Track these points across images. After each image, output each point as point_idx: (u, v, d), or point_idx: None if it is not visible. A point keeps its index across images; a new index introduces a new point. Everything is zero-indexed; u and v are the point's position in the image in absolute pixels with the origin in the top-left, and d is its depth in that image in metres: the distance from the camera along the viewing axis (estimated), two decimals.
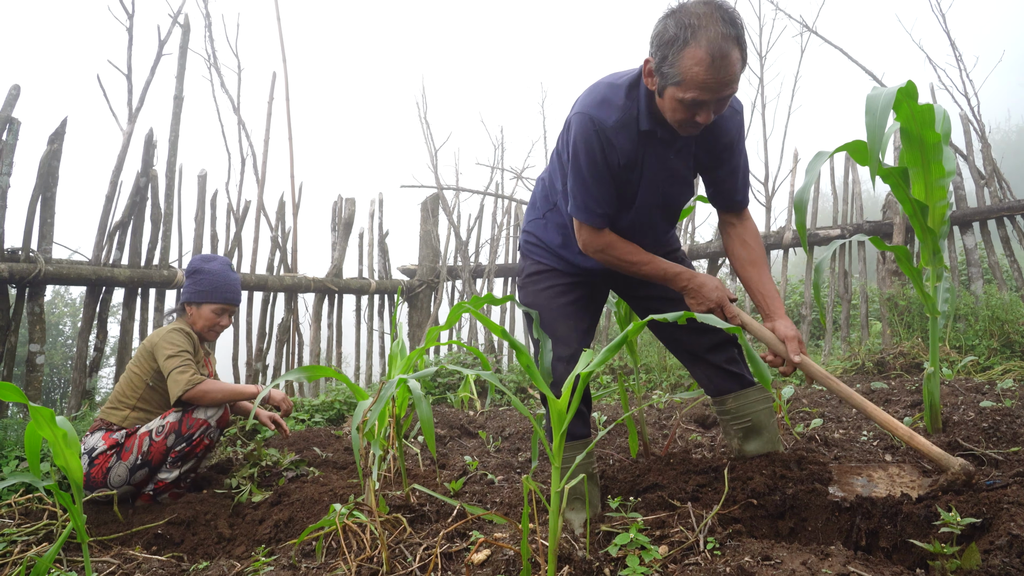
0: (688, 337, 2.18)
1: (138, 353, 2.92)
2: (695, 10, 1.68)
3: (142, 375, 2.85)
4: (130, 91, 4.42)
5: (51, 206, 3.86)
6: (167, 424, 2.68)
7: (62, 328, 10.55)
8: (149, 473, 2.66)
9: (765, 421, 2.25)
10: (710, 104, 1.75)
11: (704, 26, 1.65)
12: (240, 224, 5.10)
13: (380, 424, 2.09)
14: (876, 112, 1.94)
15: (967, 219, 5.22)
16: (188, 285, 3.01)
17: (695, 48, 1.66)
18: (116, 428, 2.75)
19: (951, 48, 5.79)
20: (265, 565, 1.83)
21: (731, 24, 1.66)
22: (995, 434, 2.45)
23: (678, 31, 1.67)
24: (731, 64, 1.68)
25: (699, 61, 1.66)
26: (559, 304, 2.19)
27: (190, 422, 2.68)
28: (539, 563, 1.54)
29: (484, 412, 4.32)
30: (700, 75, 1.67)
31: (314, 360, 5.54)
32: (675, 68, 1.70)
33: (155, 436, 2.66)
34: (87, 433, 2.77)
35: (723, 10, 1.68)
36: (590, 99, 1.90)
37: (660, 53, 1.73)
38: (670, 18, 1.71)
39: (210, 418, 2.71)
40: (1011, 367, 3.87)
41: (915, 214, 2.35)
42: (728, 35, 1.66)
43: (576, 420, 2.17)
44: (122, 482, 2.62)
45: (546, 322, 2.19)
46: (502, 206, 6.63)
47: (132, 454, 2.63)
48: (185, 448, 2.66)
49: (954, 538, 1.53)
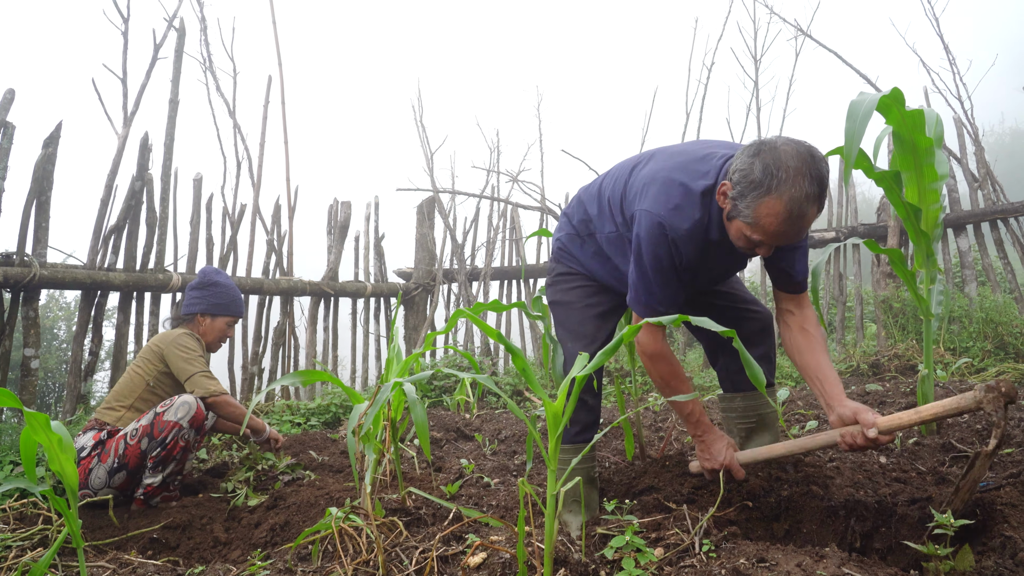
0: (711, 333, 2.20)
1: (142, 354, 2.96)
2: (786, 160, 1.61)
3: (143, 376, 2.88)
4: (125, 95, 4.41)
5: (46, 210, 3.85)
6: (140, 428, 2.66)
7: (57, 332, 10.51)
8: (128, 477, 2.64)
9: (770, 423, 2.27)
10: (772, 246, 1.74)
11: (791, 180, 1.60)
12: (236, 228, 5.09)
13: (376, 427, 2.09)
14: (857, 118, 1.95)
15: (961, 222, 5.24)
16: (204, 296, 3.09)
17: (775, 201, 1.62)
18: (108, 428, 2.75)
19: (944, 52, 5.82)
20: (261, 569, 1.82)
21: (818, 182, 1.61)
22: (989, 436, 2.46)
23: (763, 177, 1.63)
24: (806, 223, 1.65)
25: (776, 215, 1.63)
26: (589, 303, 2.21)
27: (161, 424, 2.63)
28: (535, 566, 1.54)
29: (480, 415, 4.32)
30: (772, 226, 1.65)
31: (310, 364, 5.53)
32: (750, 209, 1.67)
33: (129, 440, 2.65)
34: (79, 433, 2.77)
35: (814, 166, 1.61)
36: (663, 201, 1.83)
37: (739, 188, 1.68)
38: (759, 158, 1.65)
39: (181, 419, 2.64)
40: (1005, 369, 3.88)
41: (908, 217, 2.37)
42: (812, 195, 1.61)
43: (573, 422, 2.18)
44: (102, 484, 2.61)
45: (574, 320, 2.21)
46: (498, 209, 6.63)
47: (110, 456, 2.63)
48: (161, 452, 2.63)
49: (948, 539, 1.54)
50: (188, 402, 2.68)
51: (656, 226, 1.82)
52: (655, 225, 1.83)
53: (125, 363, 4.29)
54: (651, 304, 1.91)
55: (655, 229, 1.83)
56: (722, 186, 1.74)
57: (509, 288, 6.57)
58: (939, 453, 2.35)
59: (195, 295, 3.12)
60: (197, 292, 3.12)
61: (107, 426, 2.77)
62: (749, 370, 1.39)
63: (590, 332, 2.15)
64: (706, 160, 1.86)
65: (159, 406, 2.69)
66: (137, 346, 4.39)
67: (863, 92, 2.03)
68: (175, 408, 2.66)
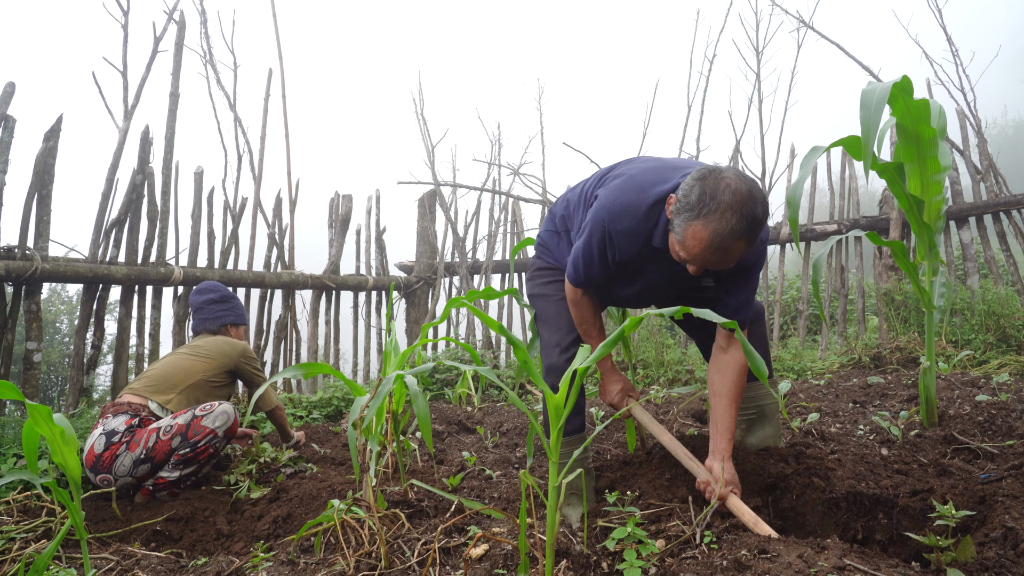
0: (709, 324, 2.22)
1: (208, 349, 3.13)
2: (723, 193, 1.64)
3: (200, 371, 3.03)
4: (126, 88, 4.40)
5: (47, 204, 3.85)
6: (175, 425, 2.68)
7: (59, 326, 10.54)
8: (152, 469, 2.66)
9: (770, 415, 2.27)
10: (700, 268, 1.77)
11: (720, 213, 1.63)
12: (237, 221, 5.09)
13: (378, 420, 2.09)
14: (871, 107, 1.94)
15: (963, 214, 5.23)
16: (230, 309, 3.41)
17: (701, 228, 1.66)
18: (143, 415, 2.76)
19: (947, 43, 5.80)
20: (264, 561, 1.83)
21: (747, 220, 1.63)
22: (991, 428, 2.46)
23: (698, 203, 1.67)
24: (728, 255, 1.68)
25: (700, 240, 1.67)
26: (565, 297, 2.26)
27: (198, 428, 2.68)
28: (537, 557, 1.54)
29: (482, 408, 4.32)
30: (695, 249, 1.70)
31: (312, 357, 5.54)
32: (680, 228, 1.71)
33: (162, 435, 2.66)
34: (108, 415, 2.76)
35: (748, 206, 1.64)
36: (617, 195, 1.92)
37: (678, 206, 1.73)
38: (702, 183, 1.69)
39: (218, 428, 2.71)
40: (1007, 361, 3.88)
41: (911, 209, 2.36)
42: (738, 231, 1.64)
43: (572, 415, 2.19)
44: (126, 472, 2.63)
45: (551, 312, 2.28)
46: (499, 202, 6.62)
47: (139, 447, 2.63)
48: (189, 453, 2.65)
49: (949, 531, 1.54)
50: (227, 412, 2.76)
51: (602, 215, 1.92)
52: (600, 213, 1.93)
53: (127, 356, 4.29)
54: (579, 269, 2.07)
55: (601, 216, 1.93)
56: (669, 199, 1.80)
57: (511, 281, 6.56)
58: (941, 445, 2.35)
59: (221, 308, 3.40)
60: (221, 305, 3.40)
61: (143, 411, 2.78)
62: (751, 360, 1.39)
63: (566, 323, 2.23)
64: (675, 171, 1.91)
65: (199, 408, 2.74)
66: (139, 339, 4.39)
67: (871, 81, 2.02)
68: (215, 416, 2.72)
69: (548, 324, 2.27)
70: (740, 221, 1.63)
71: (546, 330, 2.26)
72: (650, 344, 5.40)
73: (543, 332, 2.28)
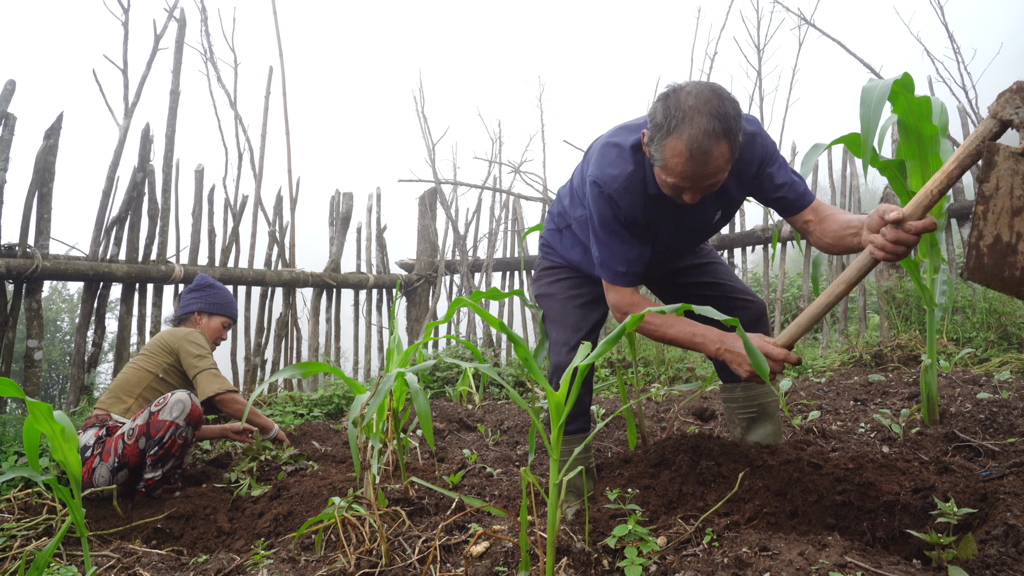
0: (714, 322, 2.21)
1: (149, 349, 3.02)
2: (685, 100, 1.62)
3: (151, 368, 2.94)
4: (126, 86, 4.40)
5: (48, 201, 3.85)
6: (136, 427, 2.65)
7: (60, 324, 10.54)
8: (131, 474, 2.65)
9: (771, 413, 2.27)
10: (694, 190, 1.73)
11: (689, 119, 1.60)
12: (237, 219, 5.09)
13: (379, 418, 2.09)
14: (871, 104, 1.94)
15: (965, 211, 5.22)
16: (201, 297, 3.25)
17: (676, 140, 1.63)
18: (109, 424, 2.75)
19: (949, 41, 5.78)
20: (264, 558, 1.83)
21: (719, 118, 1.60)
22: (992, 425, 2.46)
23: (664, 119, 1.65)
24: (712, 159, 1.63)
25: (679, 154, 1.64)
26: (572, 295, 2.27)
27: (157, 424, 2.63)
28: (538, 555, 1.54)
29: (483, 406, 4.32)
30: (679, 166, 1.66)
31: (312, 355, 5.54)
32: (659, 153, 1.69)
33: (127, 439, 2.64)
34: (80, 430, 2.76)
35: (713, 103, 1.61)
36: (599, 162, 1.89)
37: (650, 134, 1.71)
38: (661, 102, 1.67)
39: (177, 418, 2.64)
40: (1008, 359, 3.88)
41: None
42: (712, 131, 1.60)
43: (576, 412, 2.19)
44: (106, 482, 2.62)
45: (557, 311, 2.27)
46: (500, 200, 6.62)
47: (111, 456, 2.63)
48: (159, 451, 2.62)
49: (951, 528, 1.54)
50: (182, 400, 2.67)
51: (594, 187, 1.88)
52: (593, 186, 1.88)
53: (128, 354, 4.29)
54: (609, 264, 1.94)
55: (594, 190, 1.88)
56: (643, 135, 1.78)
57: (511, 279, 6.56)
58: (942, 443, 2.35)
59: (192, 296, 3.27)
60: (194, 293, 3.28)
61: (108, 421, 2.77)
62: (753, 359, 1.39)
63: (573, 321, 2.21)
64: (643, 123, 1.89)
65: (153, 404, 2.67)
66: (140, 337, 4.39)
67: (872, 78, 2.01)
68: (169, 407, 2.65)
69: (555, 323, 2.25)
70: (711, 120, 1.59)
71: (554, 329, 2.25)
72: (651, 342, 5.40)
73: (551, 331, 2.27)
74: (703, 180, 1.68)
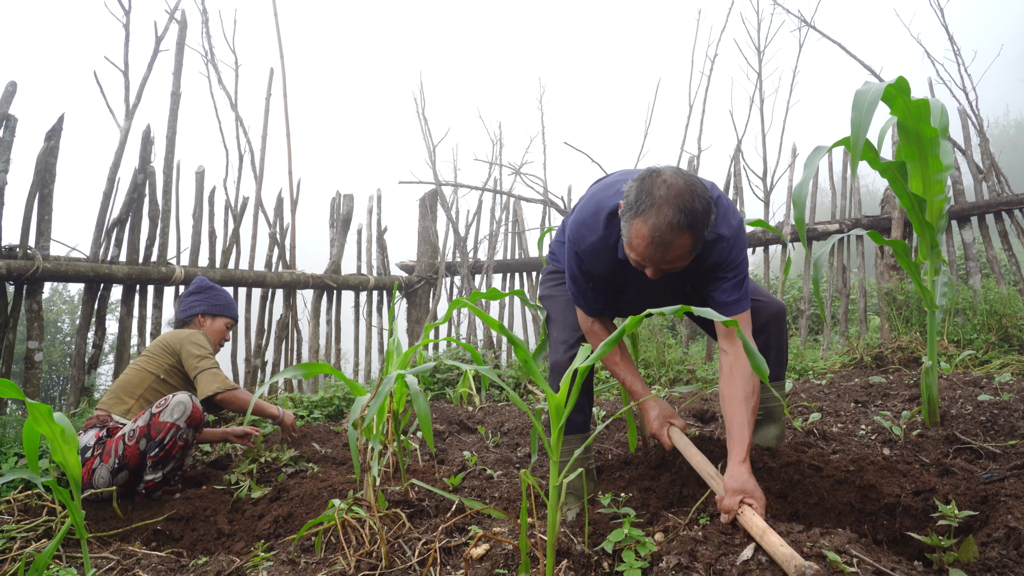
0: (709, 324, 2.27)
1: (150, 350, 3.02)
2: (659, 188, 1.68)
3: (153, 370, 2.94)
4: (127, 87, 4.40)
5: (48, 203, 3.85)
6: (137, 429, 2.64)
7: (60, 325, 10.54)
8: (131, 475, 2.64)
9: (777, 416, 2.27)
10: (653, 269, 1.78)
11: (657, 207, 1.67)
12: (238, 220, 5.09)
13: (379, 420, 2.09)
14: (862, 108, 1.94)
15: (965, 213, 5.22)
16: (203, 299, 3.26)
17: (641, 224, 1.70)
18: (110, 425, 2.75)
19: (949, 42, 5.79)
20: (264, 560, 1.83)
21: (685, 213, 1.65)
22: (993, 427, 2.46)
23: (635, 201, 1.72)
24: (672, 249, 1.70)
25: (642, 236, 1.71)
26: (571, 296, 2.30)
27: (158, 426, 2.62)
28: (538, 557, 1.54)
29: (483, 408, 4.32)
30: (640, 247, 1.73)
31: (313, 356, 5.54)
32: (625, 229, 1.76)
33: (128, 440, 2.63)
34: (80, 431, 2.76)
35: (684, 197, 1.66)
36: (577, 217, 2.02)
37: (623, 208, 1.78)
38: (637, 183, 1.74)
39: (178, 420, 2.63)
40: (1009, 361, 3.88)
41: (913, 208, 2.35)
42: (677, 224, 1.66)
43: (576, 414, 2.20)
44: (106, 483, 2.61)
45: (559, 312, 2.33)
46: (500, 202, 6.62)
47: (111, 457, 2.62)
48: (160, 453, 2.61)
49: (952, 531, 1.54)
50: (183, 402, 2.66)
51: (570, 239, 2.03)
52: (569, 238, 2.04)
53: (128, 356, 4.30)
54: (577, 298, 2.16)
55: (568, 241, 2.04)
56: (619, 206, 1.85)
57: (512, 281, 6.56)
58: (943, 445, 2.35)
59: (194, 299, 3.28)
60: (196, 296, 3.29)
61: (109, 422, 2.77)
62: (752, 360, 1.38)
63: (572, 322, 2.27)
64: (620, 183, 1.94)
65: (154, 406, 2.67)
66: (140, 339, 4.39)
67: (868, 81, 2.01)
68: (171, 409, 2.64)
69: (555, 323, 2.33)
70: (677, 213, 1.65)
71: (554, 329, 2.32)
72: (651, 344, 5.40)
73: (551, 331, 2.34)
74: (662, 263, 1.76)
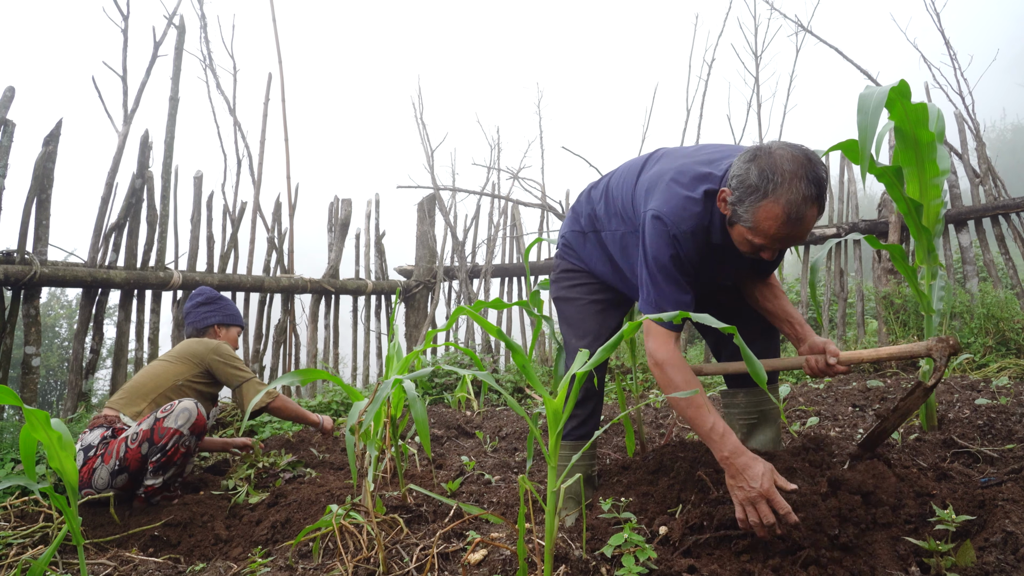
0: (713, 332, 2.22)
1: (177, 355, 3.02)
2: (782, 164, 1.62)
3: (172, 376, 2.93)
4: (125, 92, 4.41)
5: (46, 208, 3.85)
6: (140, 432, 2.64)
7: (58, 330, 10.53)
8: (130, 479, 2.63)
9: (772, 419, 2.27)
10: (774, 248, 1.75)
11: (787, 183, 1.61)
12: (236, 225, 5.09)
13: (376, 425, 2.09)
14: (868, 111, 1.94)
15: (962, 217, 5.23)
16: (216, 309, 3.31)
17: (773, 204, 1.63)
18: (116, 426, 2.74)
19: (945, 47, 5.81)
20: (262, 566, 1.82)
21: (815, 183, 1.62)
22: (990, 431, 2.46)
23: (760, 181, 1.64)
24: (806, 223, 1.66)
25: (775, 217, 1.64)
26: (592, 300, 2.25)
27: (161, 431, 2.61)
28: (535, 563, 1.54)
29: (481, 412, 4.32)
30: (772, 229, 1.66)
31: (311, 361, 5.54)
32: (749, 214, 1.68)
33: (130, 443, 2.63)
34: (86, 430, 2.76)
35: (811, 167, 1.62)
36: (667, 200, 1.83)
37: (738, 194, 1.69)
38: (754, 163, 1.66)
39: (182, 427, 2.62)
40: (1006, 365, 3.88)
41: (910, 212, 2.36)
42: (810, 196, 1.62)
43: (576, 421, 2.19)
44: (105, 485, 2.61)
45: (576, 316, 2.25)
46: (499, 206, 6.62)
47: (112, 458, 2.61)
48: (161, 458, 2.61)
49: (949, 535, 1.54)
50: (188, 409, 2.66)
51: (658, 222, 1.82)
52: (657, 221, 1.83)
53: (126, 361, 4.29)
54: (660, 304, 1.86)
55: (658, 225, 1.82)
56: (722, 192, 1.76)
57: (510, 285, 6.56)
58: (940, 449, 2.35)
59: (206, 309, 3.30)
60: (208, 307, 3.31)
61: (117, 422, 2.77)
62: (750, 366, 1.39)
63: (593, 328, 2.19)
64: (710, 164, 1.87)
65: (160, 411, 2.66)
66: (138, 344, 4.39)
67: (870, 85, 2.02)
68: (175, 415, 2.63)
69: (573, 328, 2.24)
70: (809, 186, 1.61)
71: (571, 335, 2.23)
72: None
73: (567, 336, 2.25)
74: (789, 241, 1.72)
